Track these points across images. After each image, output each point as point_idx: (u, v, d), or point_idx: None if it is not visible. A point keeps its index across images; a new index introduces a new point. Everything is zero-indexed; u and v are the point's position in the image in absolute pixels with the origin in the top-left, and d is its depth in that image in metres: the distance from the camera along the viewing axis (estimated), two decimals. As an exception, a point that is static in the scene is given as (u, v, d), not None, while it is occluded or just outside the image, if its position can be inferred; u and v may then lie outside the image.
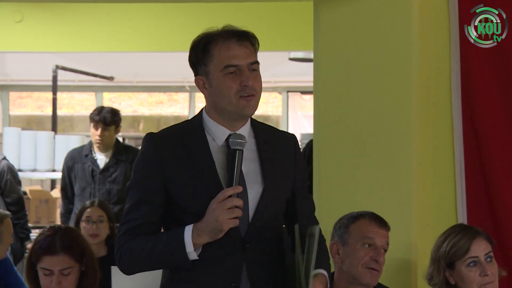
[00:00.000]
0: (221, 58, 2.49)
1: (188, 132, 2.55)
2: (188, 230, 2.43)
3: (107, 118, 5.80)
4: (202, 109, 2.60)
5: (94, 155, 5.87)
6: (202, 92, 2.56)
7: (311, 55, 5.88)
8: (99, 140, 5.81)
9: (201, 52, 2.52)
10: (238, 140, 2.47)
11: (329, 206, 3.76)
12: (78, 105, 11.63)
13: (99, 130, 5.80)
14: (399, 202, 3.78)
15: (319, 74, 3.93)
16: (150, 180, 2.51)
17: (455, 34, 3.90)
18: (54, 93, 8.91)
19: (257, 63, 2.55)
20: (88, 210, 4.91)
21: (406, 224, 3.78)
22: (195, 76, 2.57)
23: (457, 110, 3.90)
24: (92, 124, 5.85)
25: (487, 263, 3.33)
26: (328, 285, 2.54)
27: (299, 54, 8.17)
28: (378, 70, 3.84)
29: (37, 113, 11.66)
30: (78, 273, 3.22)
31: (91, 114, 5.91)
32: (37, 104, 11.68)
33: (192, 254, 2.43)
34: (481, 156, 3.87)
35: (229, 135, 2.52)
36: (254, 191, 2.51)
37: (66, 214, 5.90)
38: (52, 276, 3.18)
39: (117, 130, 5.92)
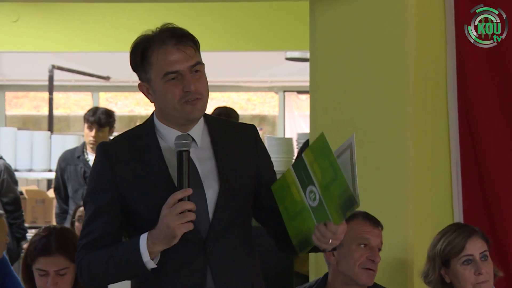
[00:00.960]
0: (160, 65, 2.41)
1: (139, 136, 2.50)
2: (143, 238, 2.35)
3: (102, 119, 5.80)
4: (153, 112, 2.54)
5: (86, 156, 5.86)
6: (148, 98, 2.50)
7: (307, 55, 5.88)
8: (93, 141, 5.81)
9: (140, 59, 2.45)
10: (182, 141, 2.37)
11: (325, 206, 3.75)
12: (75, 105, 11.62)
13: (93, 131, 5.80)
14: (395, 201, 3.78)
15: (316, 73, 3.93)
16: (104, 191, 2.44)
17: (451, 33, 3.90)
18: (50, 93, 8.89)
19: (199, 63, 2.45)
20: (81, 209, 4.93)
21: (402, 223, 3.78)
22: (139, 81, 2.50)
23: (453, 110, 3.90)
24: (86, 125, 5.85)
25: (482, 262, 3.33)
26: None
27: (296, 54, 8.16)
28: (374, 70, 3.84)
29: (33, 113, 11.65)
30: (74, 274, 3.21)
31: (86, 114, 5.90)
32: (33, 104, 11.67)
33: (150, 263, 2.35)
34: (477, 156, 3.87)
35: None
36: (212, 191, 2.44)
37: (61, 214, 5.90)
38: (47, 276, 3.17)
39: (111, 131, 5.92)
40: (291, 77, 10.12)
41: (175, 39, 2.42)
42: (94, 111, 5.90)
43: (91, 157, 5.87)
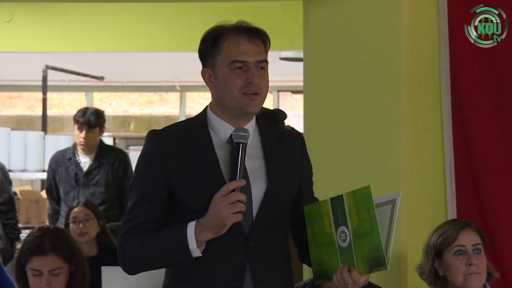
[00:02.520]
0: (229, 53, 2.48)
1: (191, 128, 2.53)
2: (191, 226, 2.40)
3: (91, 120, 5.76)
4: (207, 105, 2.58)
5: (77, 158, 5.82)
6: (207, 85, 2.54)
7: (301, 55, 5.88)
8: (83, 142, 5.77)
9: (210, 45, 2.50)
10: (241, 133, 2.45)
11: (319, 206, 3.76)
12: (69, 105, 11.60)
13: (83, 132, 5.76)
14: (389, 201, 3.78)
15: (309, 73, 3.93)
16: (152, 177, 2.48)
17: (444, 33, 3.90)
18: (44, 93, 8.88)
19: (266, 62, 2.52)
20: (74, 210, 4.92)
21: (396, 221, 3.78)
22: (202, 68, 2.55)
23: (447, 109, 3.90)
24: (76, 126, 5.80)
25: (474, 255, 3.34)
26: None
27: (290, 54, 8.17)
28: (368, 69, 3.85)
29: (27, 113, 11.63)
30: (68, 274, 3.21)
31: (75, 116, 5.85)
32: (27, 104, 11.65)
33: (195, 251, 2.41)
34: (471, 155, 3.88)
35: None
36: (258, 189, 2.48)
37: (53, 215, 5.88)
38: (41, 276, 3.17)
39: (101, 131, 5.88)
40: (285, 77, 10.13)
41: (249, 32, 2.50)
42: (84, 112, 5.85)
43: (82, 158, 5.84)
